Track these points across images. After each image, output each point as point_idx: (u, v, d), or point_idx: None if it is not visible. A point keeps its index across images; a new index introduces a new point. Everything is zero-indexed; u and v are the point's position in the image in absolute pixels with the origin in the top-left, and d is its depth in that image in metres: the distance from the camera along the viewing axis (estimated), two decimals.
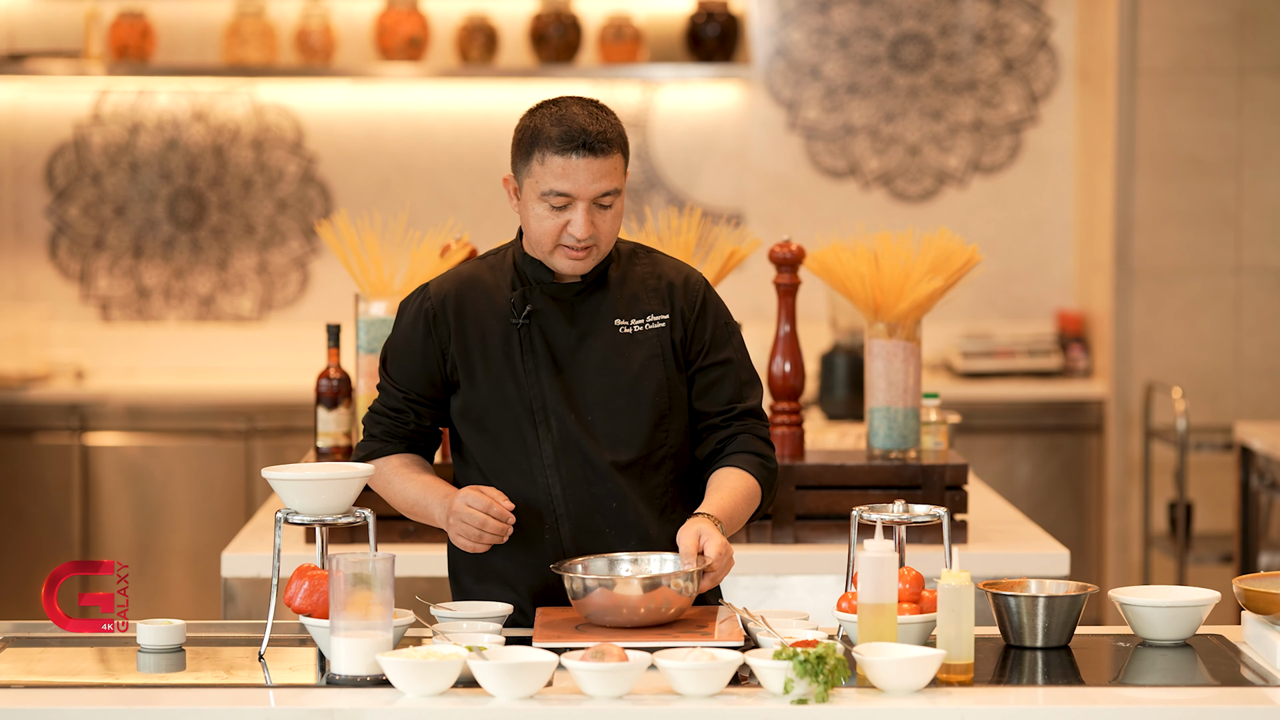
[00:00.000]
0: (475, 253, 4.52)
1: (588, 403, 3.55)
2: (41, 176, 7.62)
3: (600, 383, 3.55)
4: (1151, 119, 7.21)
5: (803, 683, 2.96)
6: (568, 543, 3.55)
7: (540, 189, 3.47)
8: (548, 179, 3.46)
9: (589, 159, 3.45)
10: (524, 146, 3.50)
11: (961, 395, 7.19)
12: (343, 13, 7.54)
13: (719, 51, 7.48)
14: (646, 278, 3.62)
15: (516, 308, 3.56)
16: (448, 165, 7.65)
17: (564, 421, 3.54)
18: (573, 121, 3.46)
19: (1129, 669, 3.27)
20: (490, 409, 3.56)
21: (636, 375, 3.56)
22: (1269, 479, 6.40)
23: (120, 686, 3.14)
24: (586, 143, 3.44)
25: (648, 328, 3.58)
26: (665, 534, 3.57)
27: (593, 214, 3.48)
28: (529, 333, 3.56)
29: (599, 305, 3.57)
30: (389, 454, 3.64)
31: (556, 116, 3.47)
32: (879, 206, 7.68)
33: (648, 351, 3.57)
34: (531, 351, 3.55)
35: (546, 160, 3.46)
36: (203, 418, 7.14)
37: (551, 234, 3.49)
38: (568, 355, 3.56)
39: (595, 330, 3.57)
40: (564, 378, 3.55)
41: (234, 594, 4.35)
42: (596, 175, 3.46)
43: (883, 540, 3.16)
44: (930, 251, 4.39)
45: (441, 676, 2.99)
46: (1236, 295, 7.25)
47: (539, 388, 3.55)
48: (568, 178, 3.45)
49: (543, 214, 3.49)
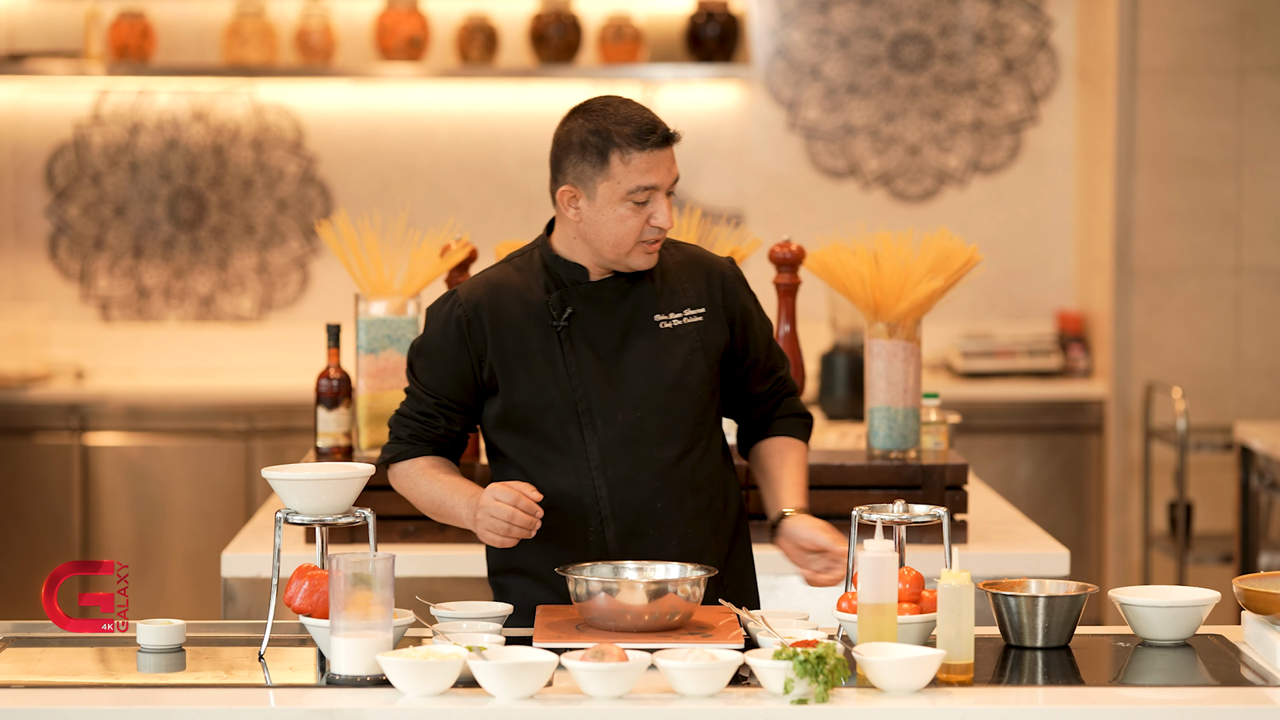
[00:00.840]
0: (475, 253, 4.52)
1: (635, 400, 3.56)
2: (41, 176, 7.62)
3: (646, 379, 3.56)
4: (1151, 119, 7.21)
5: (803, 683, 2.96)
6: (612, 544, 3.55)
7: (625, 188, 3.47)
8: (634, 176, 3.47)
9: (666, 149, 3.49)
10: (594, 152, 3.48)
11: (961, 395, 7.19)
12: (343, 13, 7.54)
13: (719, 51, 7.48)
14: (679, 270, 3.64)
15: (556, 310, 3.56)
16: (448, 165, 7.65)
17: (611, 421, 3.55)
18: (642, 116, 3.49)
19: (1129, 669, 3.27)
20: (533, 413, 3.56)
21: (681, 370, 3.58)
22: (1269, 479, 6.40)
23: (120, 686, 3.14)
24: (666, 134, 3.49)
25: (686, 321, 3.61)
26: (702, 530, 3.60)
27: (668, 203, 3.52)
28: (569, 334, 3.56)
29: (638, 302, 3.59)
30: (415, 456, 3.63)
31: (621, 117, 3.49)
32: (879, 206, 7.68)
33: (689, 345, 3.60)
34: (574, 353, 3.56)
35: (630, 159, 3.46)
36: (203, 418, 7.14)
37: (634, 232, 3.50)
38: (611, 354, 3.57)
39: (637, 327, 3.58)
40: (609, 377, 3.56)
41: (234, 594, 4.35)
42: (672, 163, 3.51)
43: (883, 540, 3.16)
44: (930, 251, 4.38)
45: (441, 676, 2.99)
46: (1236, 295, 7.25)
47: (584, 389, 3.55)
48: (653, 170, 3.47)
49: (625, 214, 3.49)
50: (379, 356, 4.45)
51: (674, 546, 3.57)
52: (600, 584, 3.30)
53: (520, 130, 7.64)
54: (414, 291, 4.45)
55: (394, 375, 4.45)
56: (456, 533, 4.41)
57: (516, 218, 7.63)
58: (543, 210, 7.63)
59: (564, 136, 3.51)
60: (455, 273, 4.50)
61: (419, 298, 4.47)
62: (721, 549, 3.66)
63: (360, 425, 4.47)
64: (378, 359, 4.45)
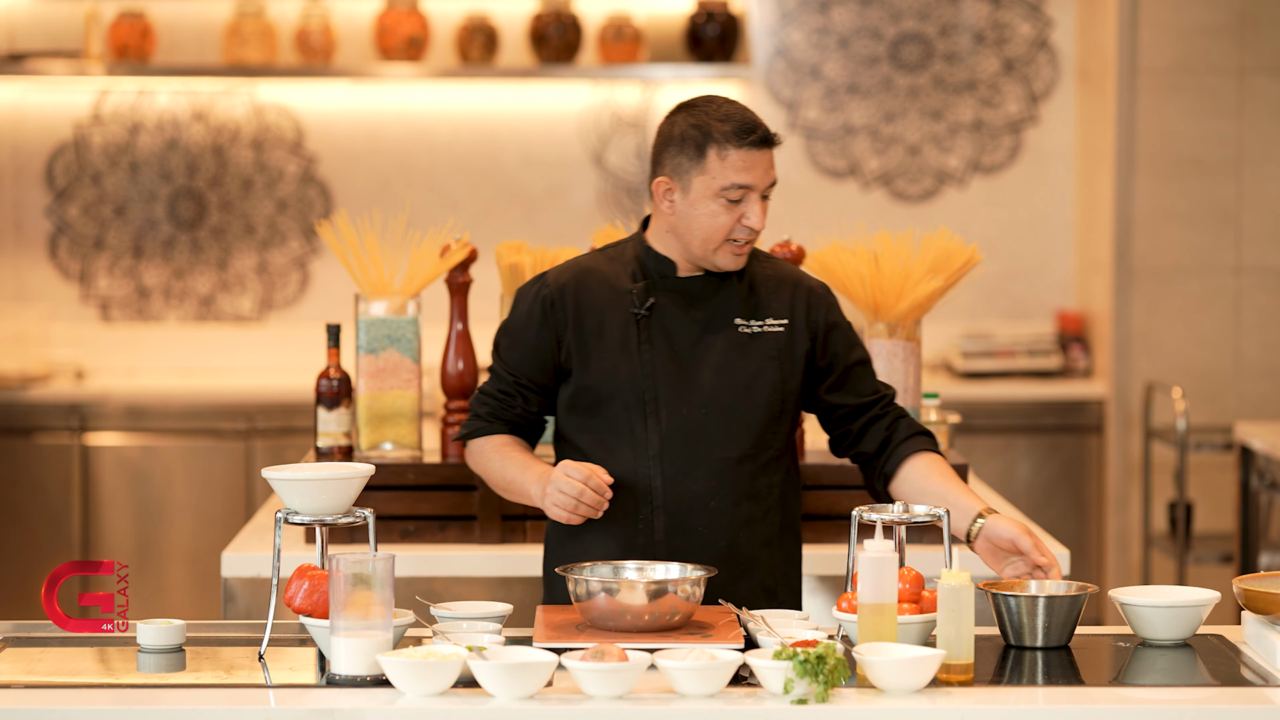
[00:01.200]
0: (475, 253, 4.52)
1: (703, 397, 3.58)
2: (41, 176, 7.62)
3: (717, 379, 3.59)
4: (1151, 119, 7.21)
5: (803, 683, 2.96)
6: (660, 534, 3.58)
7: (719, 184, 3.51)
8: (729, 173, 3.51)
9: (765, 151, 3.53)
10: (692, 146, 3.53)
11: (961, 395, 7.19)
12: (343, 13, 7.54)
13: (719, 51, 7.48)
14: (767, 280, 3.67)
15: (639, 299, 3.60)
16: (448, 165, 7.65)
17: (675, 414, 3.58)
18: (744, 115, 3.54)
19: (1129, 669, 3.27)
20: (601, 396, 3.60)
21: (753, 375, 3.60)
22: (1269, 479, 6.40)
23: (120, 686, 3.14)
24: (766, 136, 3.53)
25: (767, 330, 3.64)
26: (754, 539, 3.61)
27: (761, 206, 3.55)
28: (649, 324, 3.60)
29: (721, 303, 3.63)
30: (491, 434, 3.69)
31: (723, 114, 3.53)
32: (879, 206, 7.68)
33: (765, 353, 3.62)
34: (650, 342, 3.59)
35: (728, 155, 3.51)
36: (203, 418, 7.14)
37: (724, 229, 3.54)
38: (687, 350, 3.60)
39: (717, 327, 3.61)
40: (681, 371, 3.59)
41: (234, 594, 4.35)
42: (770, 166, 3.54)
43: (883, 540, 3.16)
44: (930, 251, 4.39)
45: (441, 676, 2.99)
46: (1236, 295, 7.25)
47: (653, 379, 3.58)
48: (749, 170, 3.51)
49: (717, 210, 3.53)
50: (379, 356, 4.45)
51: (722, 547, 3.59)
52: (600, 584, 3.30)
53: (520, 130, 7.64)
54: (414, 291, 4.45)
55: (394, 375, 4.45)
56: (457, 532, 4.41)
57: (516, 218, 7.63)
58: (542, 210, 7.63)
59: (665, 129, 3.58)
60: (455, 273, 4.50)
61: (419, 298, 4.47)
62: (774, 563, 3.66)
63: (360, 425, 4.47)
64: (378, 359, 4.45)
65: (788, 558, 3.70)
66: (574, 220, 7.60)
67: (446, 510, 4.41)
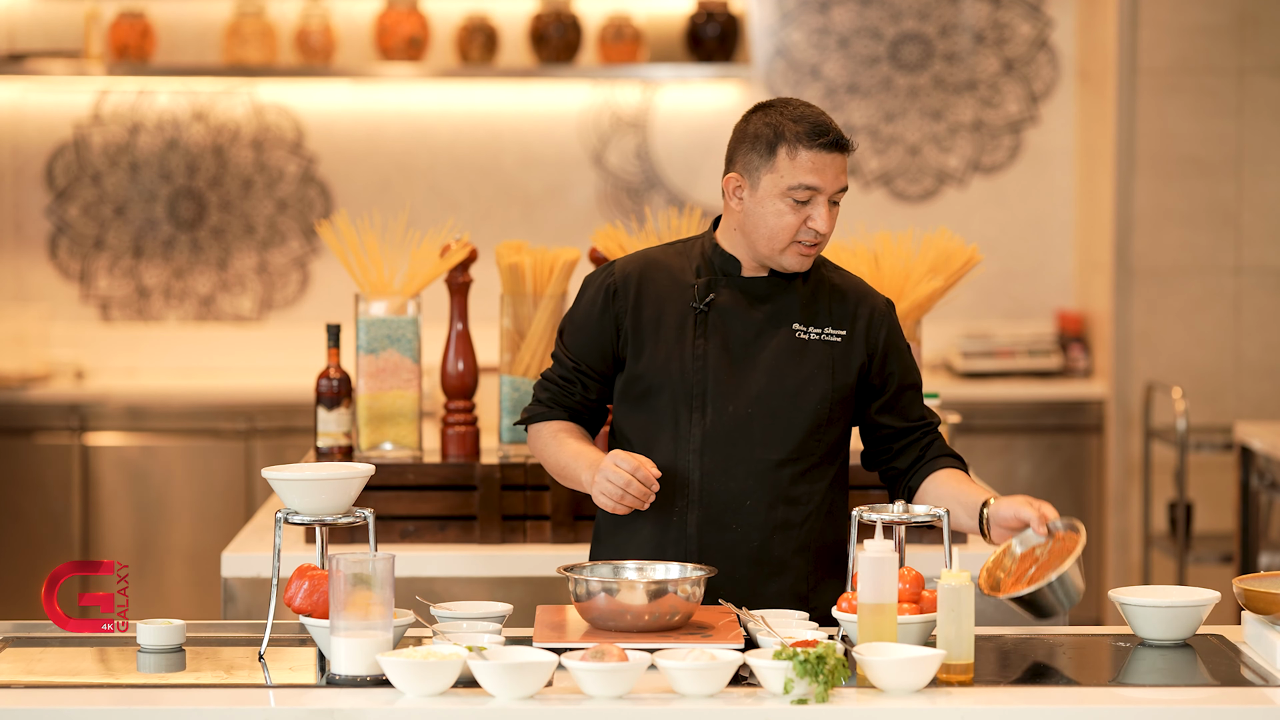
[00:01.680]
0: (475, 253, 4.52)
1: (750, 397, 3.59)
2: (41, 176, 7.62)
3: (767, 380, 3.60)
4: (1151, 119, 7.21)
5: (803, 683, 2.96)
6: (692, 529, 3.59)
7: (787, 184, 3.53)
8: (798, 173, 3.53)
9: (836, 155, 3.54)
10: (764, 143, 3.55)
11: (961, 395, 7.19)
12: (343, 13, 7.54)
13: (719, 51, 7.48)
14: (831, 290, 3.68)
15: (700, 293, 3.62)
16: (448, 165, 7.65)
17: (721, 412, 3.59)
18: (819, 118, 3.55)
19: (1128, 669, 3.27)
20: (651, 387, 3.62)
21: (804, 381, 3.61)
22: (1269, 479, 6.40)
23: (120, 686, 3.14)
24: (838, 140, 3.54)
25: (824, 338, 3.65)
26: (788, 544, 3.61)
27: (829, 210, 3.56)
28: (707, 319, 3.62)
29: (781, 306, 3.64)
30: (550, 419, 3.72)
31: (797, 115, 3.55)
32: (879, 206, 7.68)
33: (818, 361, 3.63)
34: (705, 337, 3.61)
35: (798, 155, 3.53)
36: (203, 418, 7.14)
37: (790, 229, 3.55)
38: (741, 349, 3.61)
39: (773, 330, 3.62)
40: (732, 369, 3.60)
41: (234, 594, 4.35)
42: (840, 170, 3.56)
43: (883, 540, 3.16)
44: (930, 251, 4.39)
45: (441, 676, 2.99)
46: (1236, 295, 7.25)
47: (704, 374, 3.60)
48: (818, 172, 3.53)
49: (784, 209, 3.54)
50: (379, 356, 4.45)
51: (755, 548, 3.60)
52: (600, 584, 3.30)
53: (520, 130, 7.64)
54: (414, 291, 4.45)
55: (394, 375, 4.45)
56: (457, 532, 4.42)
57: (516, 218, 7.63)
58: (543, 210, 7.63)
59: (740, 127, 3.61)
60: (455, 273, 4.50)
61: (419, 298, 4.47)
62: (807, 570, 3.65)
63: (360, 425, 4.47)
64: (378, 359, 4.45)
65: (827, 569, 3.68)
66: (574, 220, 7.60)
67: (446, 510, 4.42)
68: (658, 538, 3.61)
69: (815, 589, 3.66)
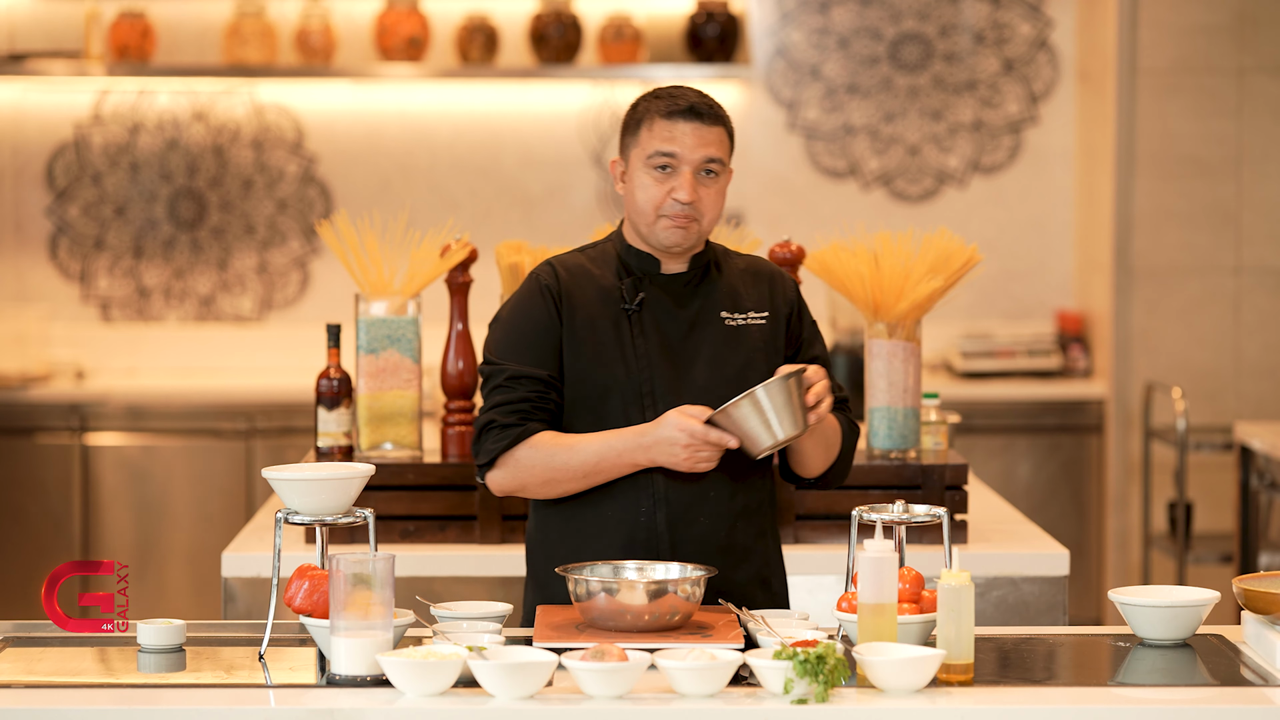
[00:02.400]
0: (475, 253, 4.52)
1: (697, 389, 3.59)
2: (42, 176, 7.62)
3: (709, 371, 3.61)
4: (1151, 119, 7.21)
5: (803, 683, 2.96)
6: (662, 527, 3.58)
7: (646, 153, 3.56)
8: (654, 142, 3.55)
9: (695, 124, 3.55)
10: (632, 122, 3.60)
11: (961, 395, 7.19)
12: (343, 13, 7.54)
13: (719, 51, 7.48)
14: (742, 275, 3.70)
15: (629, 294, 3.62)
16: (448, 165, 7.65)
17: (671, 406, 3.57)
18: (681, 93, 3.58)
19: (1128, 669, 3.27)
20: (598, 393, 3.59)
21: (743, 367, 3.62)
22: (1269, 479, 6.40)
23: (120, 686, 3.14)
24: (693, 107, 3.56)
25: (750, 322, 3.66)
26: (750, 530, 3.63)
27: (697, 182, 3.56)
28: (640, 319, 3.62)
29: (706, 298, 3.65)
30: (532, 434, 3.56)
31: (665, 92, 3.60)
32: (879, 206, 7.68)
33: (751, 345, 3.64)
34: (643, 336, 3.61)
35: (654, 125, 3.56)
36: (203, 418, 7.14)
37: (655, 201, 3.56)
38: (678, 343, 3.62)
39: (704, 321, 3.64)
40: (675, 364, 3.61)
41: (234, 594, 4.35)
42: (701, 141, 3.56)
43: (883, 540, 3.17)
44: (930, 251, 4.39)
45: (441, 676, 2.99)
46: (1236, 295, 7.25)
47: (649, 372, 3.60)
48: (675, 140, 3.55)
49: (648, 182, 3.57)
50: (379, 356, 4.45)
51: (723, 538, 3.60)
52: (600, 584, 3.30)
53: (520, 130, 7.64)
54: (414, 291, 4.45)
55: (394, 375, 4.45)
56: (457, 532, 4.42)
57: (516, 218, 7.63)
58: (543, 210, 7.63)
59: (627, 110, 3.65)
60: (455, 273, 4.50)
61: (419, 298, 4.47)
62: (767, 553, 3.68)
63: (360, 425, 4.47)
64: (378, 359, 4.45)
65: (776, 548, 3.73)
66: (574, 220, 7.60)
67: (446, 510, 4.42)
68: (627, 539, 3.58)
69: (774, 571, 3.69)
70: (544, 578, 3.66)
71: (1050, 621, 4.31)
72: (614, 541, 3.59)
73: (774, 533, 3.72)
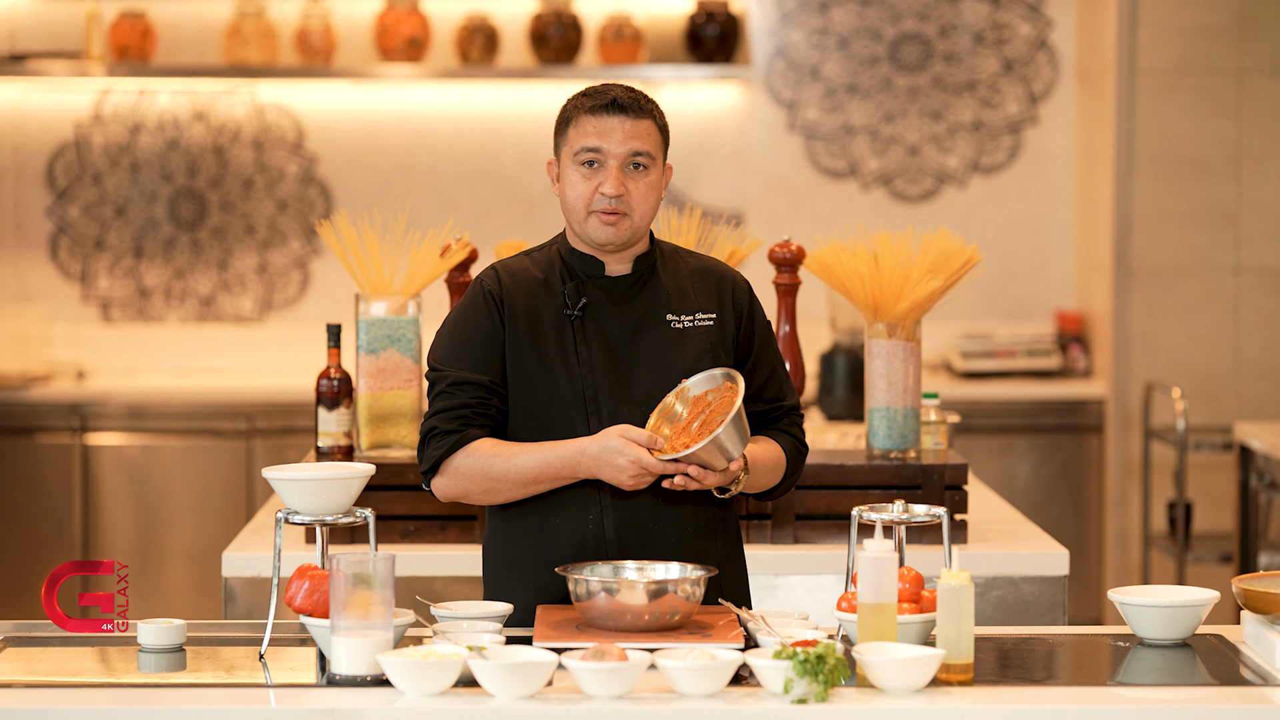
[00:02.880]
0: (475, 253, 4.52)
1: (641, 394, 3.57)
2: (42, 177, 7.62)
3: (654, 375, 3.58)
4: (1151, 119, 7.21)
5: (803, 682, 2.96)
6: (610, 534, 3.55)
7: (574, 150, 3.54)
8: (579, 138, 3.54)
9: (620, 118, 3.53)
10: (562, 122, 3.59)
11: (961, 395, 7.19)
12: (343, 13, 7.55)
13: (719, 52, 7.48)
14: (692, 275, 3.66)
15: (571, 299, 3.59)
16: (448, 165, 7.66)
17: (615, 414, 3.55)
18: (606, 89, 3.57)
19: (1128, 669, 3.27)
20: (541, 399, 3.56)
21: (689, 369, 3.58)
22: (1268, 479, 6.40)
23: (120, 686, 3.14)
24: (617, 101, 3.54)
25: (697, 323, 3.62)
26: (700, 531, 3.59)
27: (625, 176, 3.53)
28: (583, 324, 3.58)
29: (651, 300, 3.61)
30: (472, 440, 3.52)
31: (592, 90, 3.59)
32: (879, 206, 7.69)
33: (698, 347, 3.61)
34: (586, 342, 3.57)
35: (580, 122, 3.55)
36: (203, 418, 7.14)
37: (584, 198, 3.54)
38: (622, 348, 3.59)
39: (648, 324, 3.60)
40: (618, 369, 3.57)
41: (234, 594, 4.35)
42: (628, 135, 3.54)
43: (883, 540, 3.17)
44: (930, 251, 4.39)
45: (441, 676, 2.99)
46: (1236, 295, 7.25)
47: (592, 378, 3.57)
48: (600, 135, 3.53)
49: (576, 179, 3.55)
50: (379, 356, 4.45)
51: (673, 541, 3.57)
52: (600, 584, 3.30)
53: (520, 130, 7.65)
54: (414, 291, 4.46)
55: (394, 375, 4.45)
56: (457, 532, 4.42)
57: (516, 218, 7.63)
58: (542, 210, 7.64)
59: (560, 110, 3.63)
60: (455, 273, 4.50)
61: (419, 298, 4.47)
62: (722, 551, 3.65)
63: (360, 425, 4.47)
64: (378, 359, 4.45)
65: (731, 545, 3.68)
66: None
67: (446, 510, 4.42)
68: (576, 549, 3.55)
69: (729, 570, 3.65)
70: (494, 584, 3.63)
71: (1050, 621, 4.31)
72: (564, 549, 3.56)
73: (728, 531, 3.66)
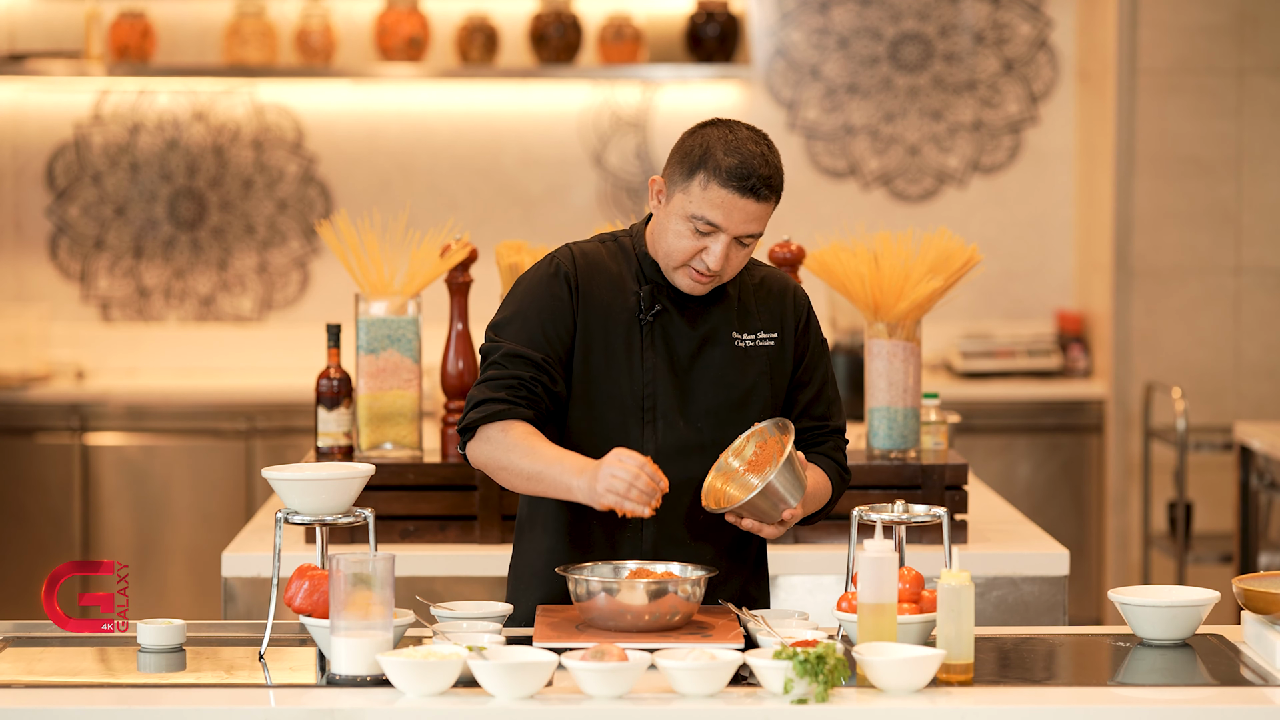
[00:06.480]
0: (475, 253, 4.52)
1: (699, 409, 3.54)
2: (42, 177, 7.62)
3: (714, 391, 3.55)
4: (1151, 119, 7.21)
5: (803, 683, 2.96)
6: (647, 545, 3.53)
7: (691, 210, 3.43)
8: (703, 206, 3.42)
9: (750, 201, 3.42)
10: (689, 162, 3.43)
11: (961, 395, 7.19)
12: (343, 13, 7.55)
13: (719, 52, 7.48)
14: (756, 291, 3.61)
15: (645, 304, 3.54)
16: (448, 165, 7.66)
17: (672, 425, 3.52)
18: (749, 158, 3.41)
19: (1128, 669, 3.27)
20: (599, 398, 3.52)
21: (749, 389, 3.56)
22: (1268, 479, 6.40)
23: (120, 686, 3.14)
24: (754, 186, 3.41)
25: (759, 343, 3.59)
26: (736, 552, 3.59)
27: (730, 249, 3.45)
28: (652, 331, 3.54)
29: (719, 315, 3.57)
30: (513, 418, 3.45)
31: (732, 145, 3.42)
32: (879, 206, 7.69)
33: (759, 367, 3.58)
34: (653, 349, 3.54)
35: (709, 187, 3.41)
36: (203, 418, 7.14)
37: (684, 254, 3.46)
38: (687, 360, 3.55)
39: (715, 339, 3.56)
40: (679, 382, 3.54)
41: (234, 594, 4.35)
42: (750, 217, 3.44)
43: (883, 540, 3.17)
44: (930, 251, 4.39)
45: (441, 676, 2.99)
46: (1236, 295, 7.25)
47: (654, 387, 3.53)
48: (725, 211, 3.42)
49: (683, 232, 3.45)
50: (379, 356, 4.45)
51: (709, 560, 3.56)
52: (600, 584, 3.30)
53: (520, 130, 7.65)
54: (414, 291, 4.46)
55: (394, 375, 4.45)
56: (457, 532, 4.42)
57: (516, 218, 7.63)
58: (543, 210, 7.64)
59: (684, 136, 3.49)
60: (455, 273, 4.50)
61: (419, 298, 4.47)
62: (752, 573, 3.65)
63: (360, 425, 4.47)
64: (378, 359, 4.45)
65: (759, 567, 3.68)
66: (574, 220, 7.60)
67: (446, 510, 4.42)
68: (611, 556, 3.53)
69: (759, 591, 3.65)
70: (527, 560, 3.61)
71: (1050, 621, 4.32)
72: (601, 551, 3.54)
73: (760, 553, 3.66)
